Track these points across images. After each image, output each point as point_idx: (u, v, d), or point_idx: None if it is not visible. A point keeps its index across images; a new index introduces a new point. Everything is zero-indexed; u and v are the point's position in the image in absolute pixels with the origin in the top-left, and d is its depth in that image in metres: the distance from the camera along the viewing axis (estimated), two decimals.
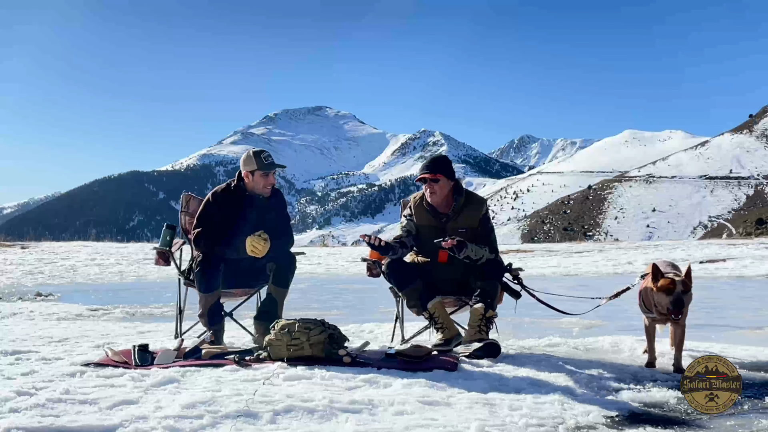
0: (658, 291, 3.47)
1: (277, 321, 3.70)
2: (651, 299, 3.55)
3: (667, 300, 3.43)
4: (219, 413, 2.54)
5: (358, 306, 7.61)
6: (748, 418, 2.65)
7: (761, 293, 8.91)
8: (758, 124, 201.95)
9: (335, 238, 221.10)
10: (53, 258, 14.64)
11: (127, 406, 2.64)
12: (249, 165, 4.34)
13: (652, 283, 3.52)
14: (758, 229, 71.10)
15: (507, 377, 3.31)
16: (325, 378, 3.14)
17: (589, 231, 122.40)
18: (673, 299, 3.41)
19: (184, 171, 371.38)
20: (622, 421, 2.63)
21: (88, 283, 10.92)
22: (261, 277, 4.44)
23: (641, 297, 3.66)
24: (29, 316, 6.25)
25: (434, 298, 4.10)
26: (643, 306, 3.65)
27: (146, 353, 3.60)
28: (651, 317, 3.63)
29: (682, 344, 3.60)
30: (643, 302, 3.66)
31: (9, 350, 3.94)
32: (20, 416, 2.47)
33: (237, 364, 3.45)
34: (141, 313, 6.73)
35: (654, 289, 3.50)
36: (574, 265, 14.01)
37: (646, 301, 3.62)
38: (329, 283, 11.09)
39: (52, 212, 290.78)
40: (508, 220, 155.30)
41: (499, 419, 2.55)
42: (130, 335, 4.84)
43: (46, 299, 8.08)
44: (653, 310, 3.56)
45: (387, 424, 2.48)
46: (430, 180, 4.11)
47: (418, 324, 4.54)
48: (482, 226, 4.21)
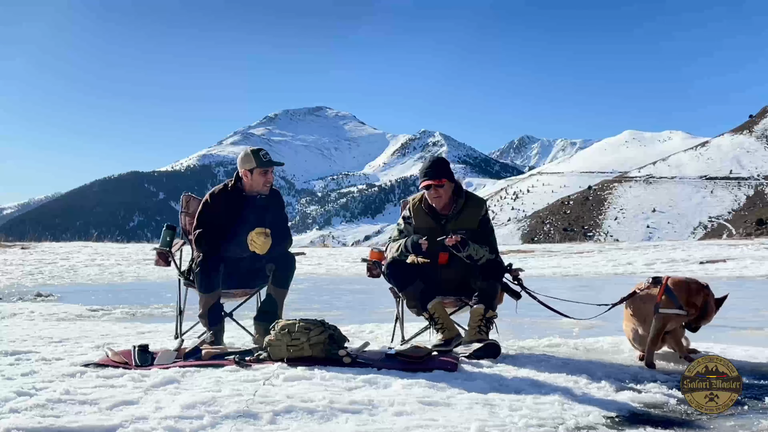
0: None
1: (277, 321, 3.70)
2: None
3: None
4: (219, 413, 2.55)
5: (358, 306, 7.61)
6: (748, 418, 2.65)
7: (761, 293, 8.91)
8: (758, 125, 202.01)
9: (335, 239, 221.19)
10: (53, 258, 14.64)
11: (127, 407, 2.64)
12: (247, 163, 4.34)
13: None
14: (758, 230, 71.12)
15: (507, 378, 3.31)
16: (325, 378, 3.14)
17: (589, 231, 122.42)
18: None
19: (184, 171, 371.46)
20: (622, 421, 2.63)
21: (88, 283, 10.91)
22: (261, 278, 4.45)
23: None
24: (29, 316, 6.25)
25: (434, 298, 4.10)
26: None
27: (146, 353, 3.60)
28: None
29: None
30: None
31: (9, 350, 3.94)
32: (20, 416, 2.47)
33: (237, 365, 3.45)
34: (141, 314, 6.73)
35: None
36: (574, 265, 14.01)
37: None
38: (329, 283, 11.08)
39: (53, 213, 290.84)
40: (508, 221, 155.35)
41: (499, 420, 2.55)
42: (130, 335, 4.84)
43: (46, 299, 8.08)
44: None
45: (387, 424, 2.48)
46: (435, 185, 4.11)
47: (418, 324, 4.54)
48: (482, 226, 4.21)
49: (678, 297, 3.70)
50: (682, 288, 3.74)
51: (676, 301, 3.69)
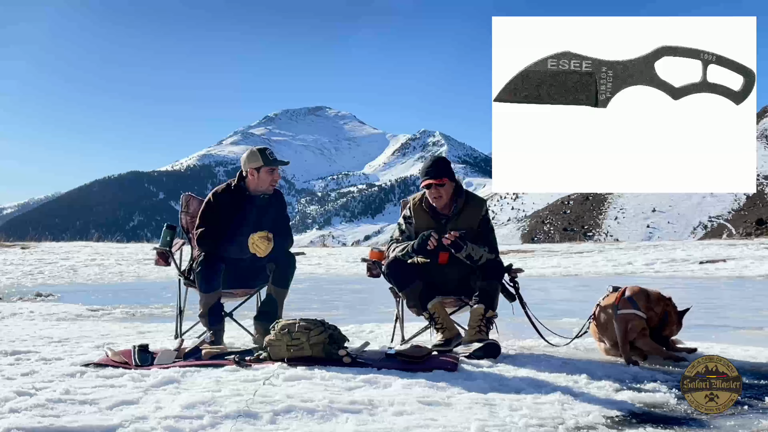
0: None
1: (277, 321, 3.71)
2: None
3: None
4: (219, 413, 2.55)
5: (358, 306, 7.61)
6: (748, 418, 2.65)
7: (761, 293, 8.91)
8: (758, 125, 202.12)
9: (335, 239, 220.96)
10: (53, 258, 14.64)
11: (127, 407, 2.64)
12: (254, 162, 4.34)
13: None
14: (758, 230, 71.13)
15: (507, 377, 3.31)
16: (325, 378, 3.14)
17: (589, 231, 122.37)
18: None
19: (184, 171, 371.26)
20: (622, 421, 2.63)
21: (88, 283, 10.92)
22: (261, 278, 4.45)
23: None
24: (29, 316, 6.25)
25: (434, 298, 4.10)
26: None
27: (146, 353, 3.60)
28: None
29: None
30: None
31: (9, 350, 3.94)
32: (20, 416, 2.48)
33: (237, 365, 3.45)
34: (141, 314, 6.73)
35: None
36: (574, 265, 14.01)
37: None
38: (329, 283, 11.09)
39: (52, 212, 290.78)
40: (508, 221, 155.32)
41: (499, 419, 2.56)
42: (130, 335, 4.84)
43: (46, 299, 8.08)
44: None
45: (387, 424, 2.48)
46: (436, 185, 4.11)
47: (418, 324, 4.54)
48: (482, 226, 4.21)
49: (636, 301, 3.82)
50: (641, 294, 3.87)
51: (635, 304, 3.80)
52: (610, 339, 3.90)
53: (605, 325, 3.90)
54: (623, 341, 3.76)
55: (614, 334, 3.81)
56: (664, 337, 3.88)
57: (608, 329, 3.87)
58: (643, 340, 3.79)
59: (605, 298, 3.98)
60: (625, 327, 3.76)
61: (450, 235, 4.00)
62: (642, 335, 3.78)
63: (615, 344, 3.85)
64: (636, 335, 3.77)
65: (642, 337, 3.78)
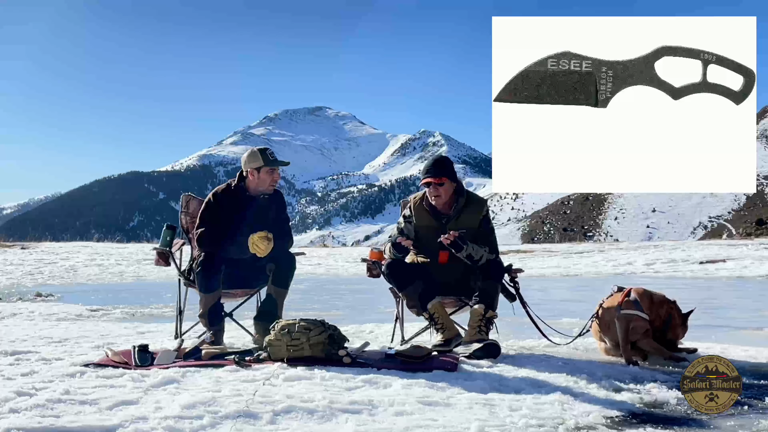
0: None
1: (277, 321, 3.70)
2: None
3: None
4: (219, 413, 2.55)
5: (358, 306, 7.61)
6: (748, 418, 2.65)
7: (761, 293, 8.91)
8: (758, 125, 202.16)
9: (335, 239, 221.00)
10: (53, 258, 14.64)
11: (127, 407, 2.64)
12: (255, 162, 4.34)
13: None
14: (758, 230, 71.09)
15: (507, 377, 3.31)
16: (325, 378, 3.14)
17: (589, 231, 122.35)
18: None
19: (183, 171, 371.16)
20: (622, 421, 2.63)
21: (88, 283, 10.92)
22: (261, 278, 4.45)
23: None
24: (29, 316, 6.25)
25: (434, 298, 4.10)
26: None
27: (146, 353, 3.60)
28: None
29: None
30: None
31: (9, 350, 3.94)
32: (20, 416, 2.48)
33: (237, 365, 3.45)
34: (141, 314, 6.73)
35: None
36: (574, 265, 14.01)
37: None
38: (329, 283, 11.09)
39: (52, 213, 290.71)
40: (508, 221, 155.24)
41: (499, 420, 2.55)
42: (130, 335, 4.84)
43: (46, 300, 8.08)
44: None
45: (387, 424, 2.48)
46: (435, 184, 4.11)
47: (418, 324, 4.54)
48: (483, 226, 4.21)
49: (640, 302, 3.81)
50: (645, 296, 3.87)
51: (638, 306, 3.80)
52: (612, 339, 3.90)
53: (608, 324, 3.90)
54: (624, 341, 3.76)
55: (617, 335, 3.81)
56: (669, 341, 3.87)
57: (611, 329, 3.87)
58: (646, 340, 3.78)
59: (609, 298, 3.98)
60: (626, 327, 3.76)
61: (450, 235, 4.00)
62: (645, 336, 3.78)
63: (616, 344, 3.85)
64: (638, 336, 3.77)
65: (644, 338, 3.78)
